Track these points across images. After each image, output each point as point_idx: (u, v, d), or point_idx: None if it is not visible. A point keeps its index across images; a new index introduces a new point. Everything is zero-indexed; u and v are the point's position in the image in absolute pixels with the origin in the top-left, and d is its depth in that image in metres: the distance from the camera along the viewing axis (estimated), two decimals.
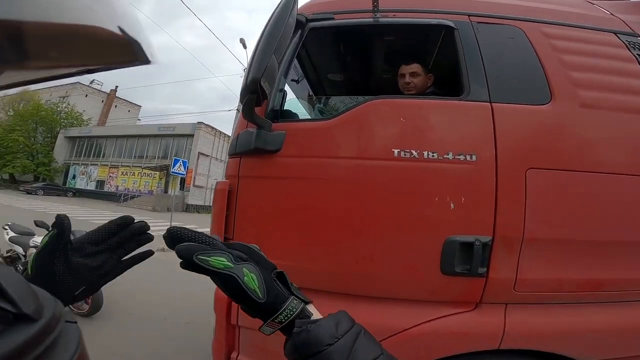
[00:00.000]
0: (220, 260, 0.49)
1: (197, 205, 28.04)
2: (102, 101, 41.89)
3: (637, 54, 1.51)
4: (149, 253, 0.64)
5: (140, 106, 47.81)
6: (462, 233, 1.26)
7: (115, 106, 42.42)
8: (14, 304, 0.27)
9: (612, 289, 1.36)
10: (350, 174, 1.36)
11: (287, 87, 1.90)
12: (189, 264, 0.49)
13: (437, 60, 2.21)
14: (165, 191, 28.31)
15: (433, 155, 1.28)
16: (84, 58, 0.27)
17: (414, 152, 1.29)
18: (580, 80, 1.40)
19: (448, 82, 2.00)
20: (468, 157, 1.27)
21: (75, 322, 0.34)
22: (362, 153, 1.36)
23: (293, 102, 2.32)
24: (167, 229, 0.52)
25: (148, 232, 0.61)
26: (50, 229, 0.54)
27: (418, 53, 2.21)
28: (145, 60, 0.29)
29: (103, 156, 33.08)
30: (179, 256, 0.50)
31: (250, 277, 0.49)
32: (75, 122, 36.56)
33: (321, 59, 2.47)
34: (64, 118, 36.20)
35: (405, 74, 1.80)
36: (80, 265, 0.53)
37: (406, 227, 1.31)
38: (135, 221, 0.60)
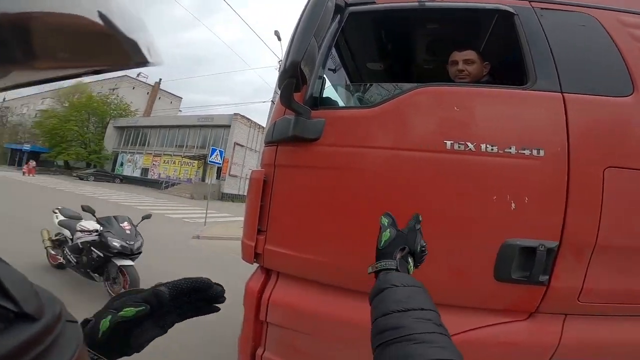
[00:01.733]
0: (387, 220, 0.84)
1: (231, 194, 28.92)
2: (148, 93, 44.41)
3: None
4: (215, 309, 0.67)
5: (182, 98, 50.16)
6: (523, 237, 1.13)
7: (159, 98, 44.79)
8: (16, 302, 0.28)
9: None
10: (395, 165, 1.26)
11: (327, 78, 1.82)
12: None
13: (487, 48, 2.02)
14: (203, 179, 29.29)
15: (492, 149, 1.14)
16: (90, 60, 0.27)
17: (469, 144, 1.15)
18: None
19: (502, 71, 1.81)
20: (534, 152, 1.12)
21: (77, 322, 0.35)
22: (410, 144, 1.25)
23: (330, 90, 2.23)
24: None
25: (222, 296, 0.64)
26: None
27: (466, 40, 2.03)
28: (143, 62, 0.29)
29: (148, 145, 35.04)
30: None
31: (386, 234, 0.78)
32: (123, 112, 39.13)
33: (361, 47, 2.35)
34: (114, 109, 38.81)
35: (459, 61, 1.64)
36: (154, 333, 0.55)
37: (458, 226, 1.19)
38: (212, 282, 0.63)
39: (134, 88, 42.65)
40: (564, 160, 1.11)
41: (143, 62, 0.29)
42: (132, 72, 42.94)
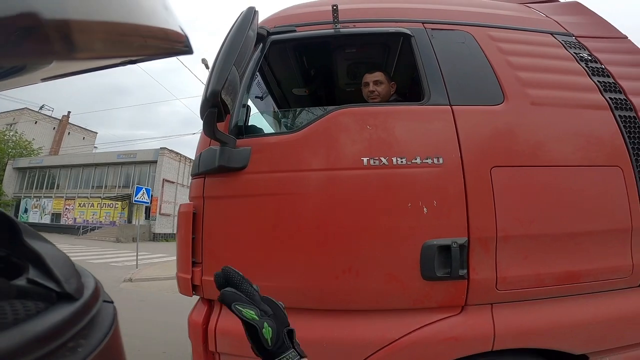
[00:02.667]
0: (251, 313, 0.64)
1: (164, 233, 26.92)
2: (54, 128, 39.08)
3: (574, 53, 1.64)
4: None
5: (97, 133, 45.24)
6: (438, 237, 1.26)
7: (69, 133, 39.69)
8: (59, 282, 0.29)
9: (590, 279, 1.38)
10: (321, 186, 1.33)
11: (250, 103, 1.86)
12: (226, 305, 0.64)
13: (398, 67, 2.28)
14: (129, 221, 26.81)
15: (402, 161, 1.28)
16: (127, 49, 0.28)
17: (383, 159, 1.29)
18: (527, 80, 1.48)
19: (410, 88, 2.05)
20: (435, 160, 1.29)
21: (112, 302, 0.38)
22: (332, 164, 1.33)
23: (256, 118, 2.28)
24: (222, 268, 0.69)
25: None
26: None
27: (380, 62, 2.26)
28: (188, 50, 0.31)
29: (57, 187, 30.64)
30: (221, 299, 0.64)
31: (267, 330, 0.64)
32: (24, 151, 33.78)
33: (285, 73, 2.46)
34: (12, 147, 33.36)
35: (369, 83, 1.82)
36: None
37: (382, 235, 1.29)
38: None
39: (36, 122, 37.06)
40: (459, 165, 1.29)
41: (178, 50, 0.30)
42: (34, 105, 37.75)
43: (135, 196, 10.19)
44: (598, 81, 1.56)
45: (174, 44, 0.31)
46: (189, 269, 1.41)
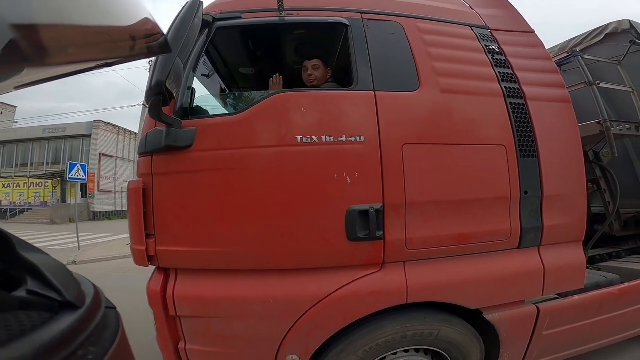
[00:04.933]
0: None
1: (106, 211, 25.14)
2: None
3: (485, 45, 1.87)
4: None
5: (16, 107, 39.38)
6: (359, 203, 1.50)
7: None
8: (59, 292, 0.29)
9: (478, 241, 1.66)
10: (260, 161, 1.50)
11: (199, 84, 1.90)
12: None
13: (342, 51, 2.41)
14: (63, 200, 24.63)
15: (330, 139, 1.50)
16: (101, 53, 0.28)
17: (314, 137, 1.49)
18: (440, 69, 1.71)
19: (349, 73, 2.23)
20: (358, 138, 1.52)
21: (115, 308, 0.37)
22: (270, 142, 1.51)
23: (205, 98, 2.34)
24: None
25: None
26: None
27: (324, 47, 2.40)
28: (166, 49, 0.31)
29: None
30: None
31: None
32: None
33: (232, 56, 2.50)
34: None
35: (308, 68, 1.99)
36: None
37: (314, 203, 1.51)
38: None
39: None
40: (377, 142, 1.53)
41: (155, 51, 0.29)
42: None
43: (70, 173, 9.31)
44: (499, 72, 1.80)
45: (149, 45, 0.31)
46: (143, 240, 1.54)
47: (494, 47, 1.89)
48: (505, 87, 1.78)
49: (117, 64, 0.32)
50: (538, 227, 1.75)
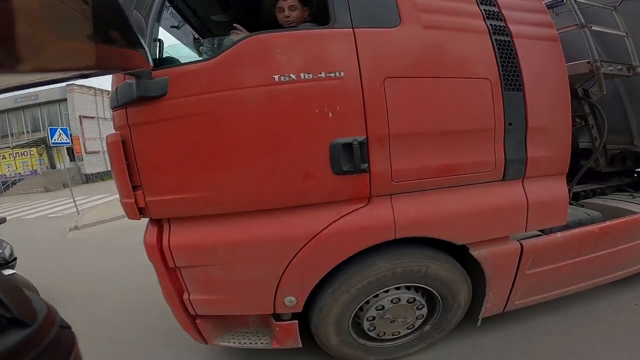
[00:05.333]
0: None
1: (98, 173, 24.98)
2: None
3: None
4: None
5: None
6: (342, 136, 1.51)
7: None
8: (8, 309, 0.29)
9: (464, 172, 1.69)
10: (239, 102, 1.47)
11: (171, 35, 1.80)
12: None
13: None
14: (53, 167, 24.22)
15: (308, 76, 1.47)
16: (77, 62, 0.27)
17: (292, 75, 1.45)
18: (421, 5, 1.63)
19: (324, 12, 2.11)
20: (337, 74, 1.49)
21: (70, 327, 0.35)
22: (247, 83, 1.47)
23: (175, 48, 2.23)
24: None
25: None
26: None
27: None
28: (145, 64, 0.29)
29: None
30: None
31: None
32: None
33: (201, 3, 2.36)
34: None
35: (284, 8, 1.88)
36: None
37: (297, 139, 1.51)
38: None
39: None
40: (357, 77, 1.50)
41: (134, 66, 0.27)
42: None
43: (52, 138, 9.13)
44: (484, 10, 1.75)
45: (129, 61, 0.29)
46: (131, 193, 1.54)
47: None
48: (490, 24, 1.74)
49: (94, 76, 0.31)
50: (522, 159, 1.78)
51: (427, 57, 1.64)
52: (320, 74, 1.47)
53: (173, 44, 1.79)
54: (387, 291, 1.83)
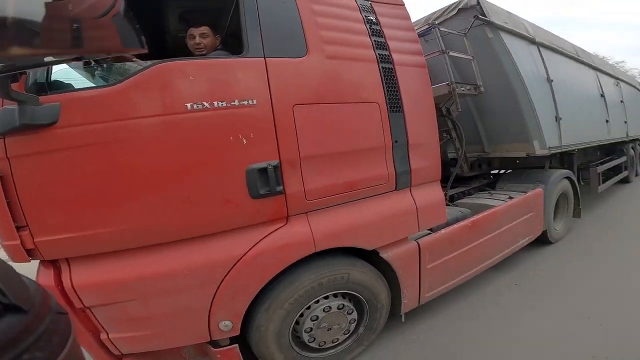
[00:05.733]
0: None
1: None
2: None
3: (364, 16, 2.07)
4: None
5: None
6: (257, 161, 1.59)
7: None
8: (4, 294, 0.28)
9: (364, 186, 1.93)
10: (148, 131, 1.43)
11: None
12: None
13: (232, 19, 2.33)
14: None
15: (222, 104, 1.52)
16: (72, 45, 0.23)
17: (205, 103, 1.49)
18: (326, 37, 1.85)
19: (238, 40, 2.18)
20: (250, 102, 1.58)
21: (66, 314, 0.35)
22: (155, 111, 1.44)
23: (66, 72, 2.00)
24: None
25: None
26: None
27: (211, 13, 2.28)
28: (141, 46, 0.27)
29: None
30: None
31: None
32: None
33: None
34: None
35: (195, 36, 1.90)
36: None
37: (211, 166, 1.53)
38: None
39: None
40: (269, 104, 1.62)
41: (128, 48, 0.25)
42: None
43: None
44: (374, 40, 2.04)
45: (121, 42, 0.28)
46: (15, 234, 1.33)
47: (372, 18, 2.12)
48: (379, 54, 2.06)
49: (90, 59, 0.28)
50: (407, 170, 2.14)
51: (330, 85, 1.85)
52: (234, 101, 1.54)
53: (63, 67, 1.59)
54: (317, 301, 1.93)
